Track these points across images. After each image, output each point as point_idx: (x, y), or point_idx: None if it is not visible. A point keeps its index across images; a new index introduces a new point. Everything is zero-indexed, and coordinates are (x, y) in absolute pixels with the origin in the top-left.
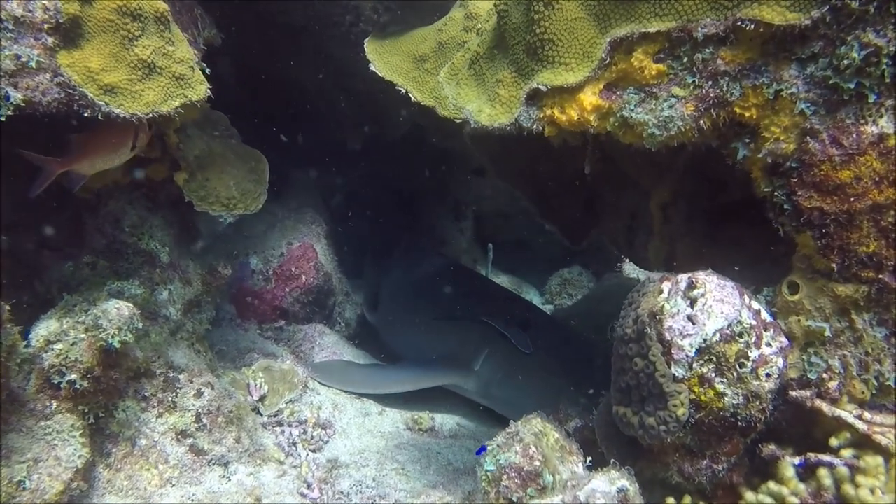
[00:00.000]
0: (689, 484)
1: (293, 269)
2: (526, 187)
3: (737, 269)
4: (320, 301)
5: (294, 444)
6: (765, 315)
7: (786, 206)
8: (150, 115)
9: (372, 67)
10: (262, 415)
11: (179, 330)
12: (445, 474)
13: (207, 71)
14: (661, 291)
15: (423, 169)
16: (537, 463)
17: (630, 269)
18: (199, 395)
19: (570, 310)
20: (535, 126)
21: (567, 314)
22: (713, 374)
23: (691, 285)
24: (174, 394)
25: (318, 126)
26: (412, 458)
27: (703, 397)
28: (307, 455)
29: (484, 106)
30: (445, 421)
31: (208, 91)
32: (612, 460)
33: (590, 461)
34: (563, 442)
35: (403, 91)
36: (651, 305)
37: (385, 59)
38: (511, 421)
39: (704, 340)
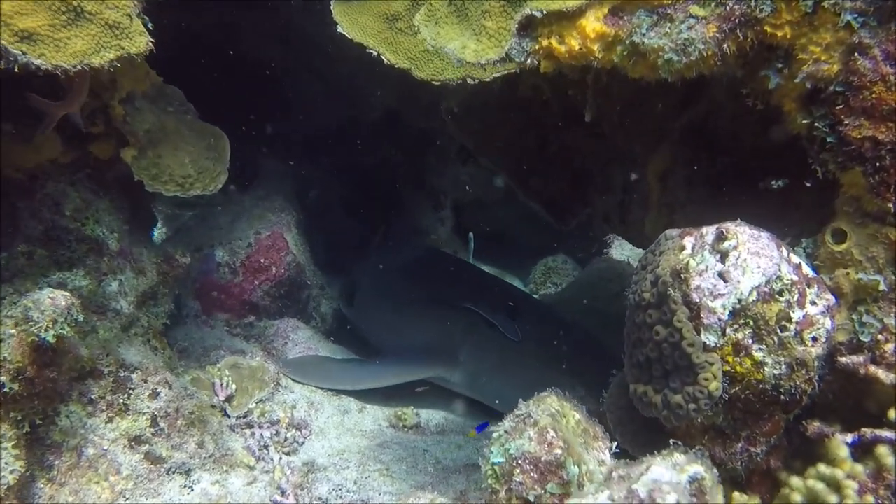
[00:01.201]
0: (721, 471)
1: (262, 261)
2: (509, 165)
3: None
4: (293, 294)
5: (266, 446)
6: (806, 269)
7: (829, 140)
8: (79, 67)
9: (340, 29)
10: (229, 416)
11: (133, 325)
12: (434, 474)
13: (149, 25)
14: (684, 247)
15: (400, 155)
16: (558, 451)
17: (617, 254)
18: (154, 395)
19: (559, 296)
20: (529, 60)
21: (555, 300)
22: (750, 340)
23: (721, 237)
24: (126, 395)
25: (286, 109)
26: (397, 457)
27: (738, 368)
28: (280, 458)
29: (469, 42)
30: (431, 416)
31: (150, 44)
32: (672, 442)
33: (616, 447)
34: (585, 424)
35: (375, 53)
36: (673, 263)
37: (354, 20)
38: (520, 401)
39: (739, 301)
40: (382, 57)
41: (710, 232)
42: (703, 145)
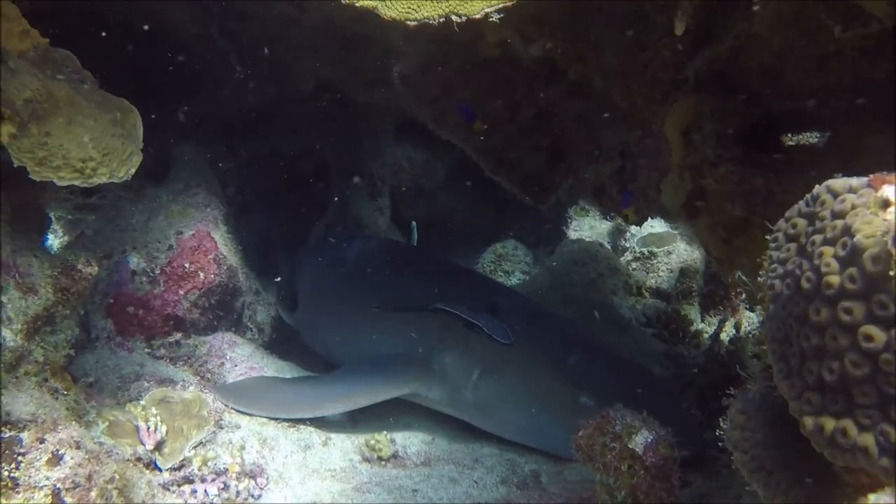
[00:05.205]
0: None
1: (187, 266)
2: (474, 136)
3: None
4: (225, 303)
5: None
6: None
7: None
8: None
9: None
10: (160, 470)
11: (22, 362)
12: None
13: None
14: (889, 202)
15: (333, 138)
16: None
17: (575, 236)
18: (56, 460)
19: (530, 285)
20: None
21: (528, 291)
22: None
23: None
24: (13, 465)
25: (202, 86)
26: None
27: None
28: None
29: None
30: (409, 441)
31: None
32: None
33: None
34: None
35: None
36: (886, 228)
37: None
38: None
39: None
40: None
41: None
42: (734, 92)
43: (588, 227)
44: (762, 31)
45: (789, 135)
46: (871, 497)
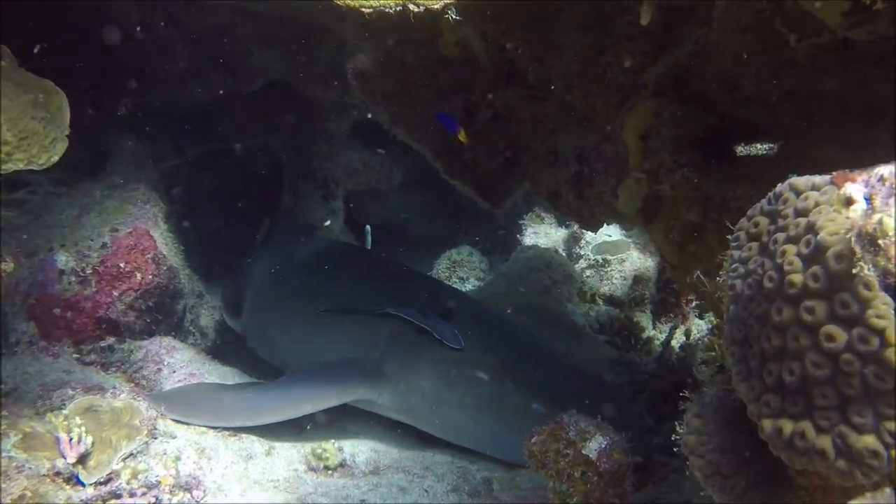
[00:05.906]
0: None
1: (122, 265)
2: (430, 137)
3: None
4: (165, 306)
5: None
6: None
7: None
8: None
9: None
10: (83, 485)
11: None
12: None
13: None
14: (852, 199)
15: (285, 136)
16: None
17: (531, 242)
18: None
19: (484, 291)
20: None
21: (483, 297)
22: None
23: None
24: None
25: (145, 77)
26: None
27: None
28: None
29: None
30: (357, 449)
31: None
32: None
33: None
34: None
35: None
36: (854, 225)
37: None
38: None
39: None
40: None
41: None
42: (693, 98)
43: (543, 235)
44: (721, 36)
45: (742, 145)
46: (868, 495)
